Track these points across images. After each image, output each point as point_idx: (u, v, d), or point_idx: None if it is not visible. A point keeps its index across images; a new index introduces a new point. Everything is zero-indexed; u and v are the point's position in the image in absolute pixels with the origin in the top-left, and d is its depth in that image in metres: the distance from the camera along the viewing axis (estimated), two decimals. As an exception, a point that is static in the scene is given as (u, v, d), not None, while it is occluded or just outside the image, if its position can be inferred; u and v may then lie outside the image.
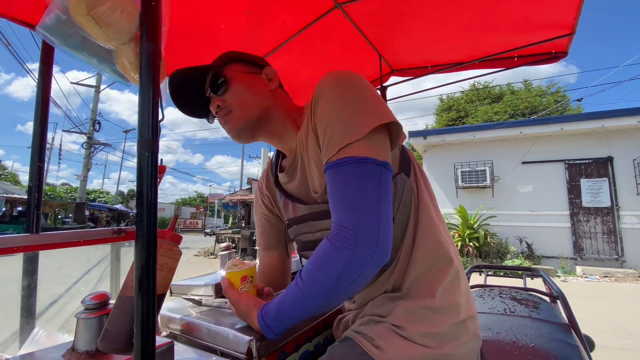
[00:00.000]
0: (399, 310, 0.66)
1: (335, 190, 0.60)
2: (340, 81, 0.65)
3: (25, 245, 0.93)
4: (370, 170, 0.58)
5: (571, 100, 16.78)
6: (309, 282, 0.60)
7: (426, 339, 0.62)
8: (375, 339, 0.64)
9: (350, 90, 0.64)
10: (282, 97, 0.83)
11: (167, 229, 0.66)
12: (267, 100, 0.79)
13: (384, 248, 0.56)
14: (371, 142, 0.60)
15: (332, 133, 0.61)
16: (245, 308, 0.70)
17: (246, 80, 0.79)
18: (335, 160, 0.60)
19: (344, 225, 0.56)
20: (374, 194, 0.57)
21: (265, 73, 0.81)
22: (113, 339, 0.55)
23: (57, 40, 0.59)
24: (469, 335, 0.66)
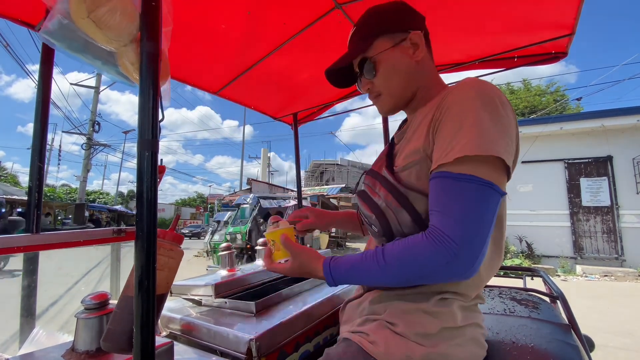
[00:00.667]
0: (394, 309, 0.68)
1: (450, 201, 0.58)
2: (494, 94, 0.62)
3: (25, 245, 0.93)
4: (491, 197, 0.58)
5: (570, 99, 16.79)
6: (391, 265, 0.61)
7: (418, 338, 0.63)
8: (370, 334, 0.66)
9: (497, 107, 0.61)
10: (427, 67, 0.79)
11: (169, 229, 0.66)
12: (413, 78, 0.77)
13: (472, 273, 0.57)
14: (495, 169, 0.58)
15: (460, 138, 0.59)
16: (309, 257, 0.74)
17: (392, 59, 0.76)
18: (459, 174, 0.58)
19: (450, 236, 0.56)
20: (488, 220, 0.57)
21: (411, 39, 0.75)
22: (115, 339, 0.55)
23: (60, 44, 0.60)
24: (465, 338, 0.65)
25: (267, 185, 17.43)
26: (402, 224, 0.67)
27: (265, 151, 30.26)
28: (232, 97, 1.93)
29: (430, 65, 0.80)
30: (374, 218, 0.72)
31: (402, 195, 0.67)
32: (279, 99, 2.05)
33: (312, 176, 31.52)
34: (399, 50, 0.75)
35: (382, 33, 0.76)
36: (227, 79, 1.73)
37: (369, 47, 0.77)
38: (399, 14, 0.77)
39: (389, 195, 0.69)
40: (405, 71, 0.76)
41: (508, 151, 0.60)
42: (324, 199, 13.67)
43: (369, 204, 0.75)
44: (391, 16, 0.77)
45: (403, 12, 0.78)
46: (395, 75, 0.77)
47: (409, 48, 0.75)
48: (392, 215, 0.69)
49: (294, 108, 2.20)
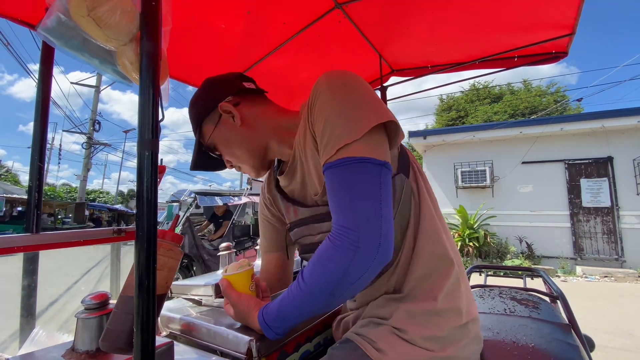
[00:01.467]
0: (400, 313, 0.65)
1: (335, 191, 0.59)
2: (337, 81, 0.64)
3: (25, 245, 0.93)
4: (370, 170, 0.57)
5: (571, 100, 16.78)
6: (311, 282, 0.59)
7: (428, 342, 0.61)
8: (377, 341, 0.63)
9: (348, 90, 0.63)
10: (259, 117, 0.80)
11: (169, 228, 0.66)
12: (251, 139, 0.79)
13: (386, 248, 0.56)
14: (370, 142, 0.59)
15: (330, 133, 0.60)
16: (246, 309, 0.70)
17: (221, 136, 0.80)
18: (334, 161, 0.59)
19: (345, 226, 0.56)
20: (375, 194, 0.57)
21: (223, 111, 0.78)
22: (114, 339, 0.55)
23: (58, 41, 0.59)
24: (470, 338, 0.66)
25: (267, 185, 17.40)
26: None
27: (265, 151, 30.15)
28: (233, 97, 1.93)
29: (267, 112, 0.81)
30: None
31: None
32: (279, 98, 2.05)
33: (312, 176, 31.44)
34: (221, 126, 0.79)
35: (201, 120, 0.81)
36: (227, 78, 1.73)
37: (202, 136, 0.82)
38: (206, 94, 0.82)
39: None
40: (239, 140, 0.79)
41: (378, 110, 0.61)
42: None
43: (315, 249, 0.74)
44: (200, 101, 0.82)
45: (208, 91, 0.82)
46: (234, 147, 0.80)
47: (227, 119, 0.78)
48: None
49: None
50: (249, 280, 0.76)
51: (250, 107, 0.80)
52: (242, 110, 0.79)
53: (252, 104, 0.81)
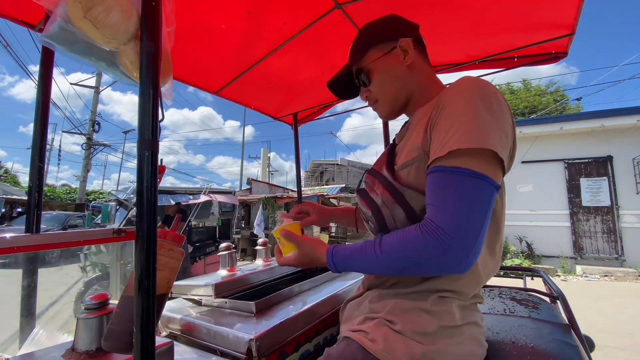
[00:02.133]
0: (393, 307, 0.69)
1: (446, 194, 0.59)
2: (482, 88, 0.63)
3: (25, 246, 0.93)
4: (485, 189, 0.58)
5: (570, 99, 16.79)
6: (388, 255, 0.63)
7: (417, 336, 0.64)
8: (370, 332, 0.67)
9: (489, 103, 0.62)
10: (420, 70, 0.82)
11: (170, 229, 0.66)
12: (406, 82, 0.81)
13: (468, 263, 0.58)
14: (488, 162, 0.59)
15: (453, 133, 0.60)
16: (313, 245, 0.76)
17: (384, 66, 0.81)
18: (453, 167, 0.59)
19: (444, 228, 0.57)
20: (483, 212, 0.57)
21: (400, 46, 0.79)
22: (116, 338, 0.55)
23: (63, 47, 0.60)
24: (463, 337, 0.66)
25: (267, 185, 17.42)
26: (396, 220, 0.69)
27: (265, 151, 30.27)
28: (232, 97, 1.93)
29: (425, 68, 0.83)
30: (371, 214, 0.75)
31: (398, 193, 0.69)
32: (279, 99, 2.05)
33: (312, 176, 31.53)
34: (389, 57, 0.80)
35: (373, 44, 0.82)
36: (227, 79, 1.73)
37: (363, 59, 0.83)
38: (388, 25, 0.84)
39: (386, 192, 0.71)
40: (397, 76, 0.81)
41: (502, 145, 0.61)
42: (323, 199, 13.67)
43: (367, 201, 0.77)
44: (380, 28, 0.84)
45: (392, 23, 0.84)
46: (388, 81, 0.82)
47: (399, 55, 0.80)
48: (388, 211, 0.70)
49: (294, 108, 2.20)
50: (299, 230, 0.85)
51: (419, 57, 0.82)
52: (414, 55, 0.80)
53: (421, 56, 0.83)
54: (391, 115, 0.86)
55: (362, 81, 0.85)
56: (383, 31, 0.83)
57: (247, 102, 2.03)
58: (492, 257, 0.72)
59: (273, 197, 12.24)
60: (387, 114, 0.86)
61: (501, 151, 0.60)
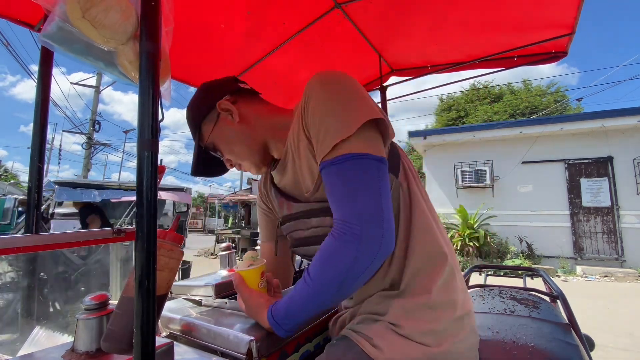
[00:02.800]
0: (396, 309, 0.65)
1: (335, 187, 0.60)
2: (329, 80, 0.66)
3: (25, 246, 0.93)
4: (368, 165, 0.59)
5: (571, 100, 16.79)
6: (318, 278, 0.60)
7: (424, 337, 0.62)
8: (373, 337, 0.63)
9: (339, 88, 0.65)
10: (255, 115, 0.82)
11: (170, 229, 0.66)
12: (250, 135, 0.81)
13: (389, 239, 0.58)
14: (365, 138, 0.61)
15: (325, 131, 0.62)
16: (256, 306, 0.72)
17: (221, 135, 0.82)
18: (332, 159, 0.60)
19: (347, 220, 0.57)
20: (375, 187, 0.58)
21: (221, 110, 0.80)
22: (116, 339, 0.55)
23: (61, 47, 0.60)
24: (466, 332, 0.66)
25: (267, 185, 17.37)
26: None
27: (265, 151, 30.15)
28: (232, 97, 1.93)
29: (261, 110, 0.83)
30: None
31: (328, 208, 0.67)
32: (279, 98, 2.05)
33: (312, 176, 31.45)
34: (220, 125, 0.81)
35: (200, 121, 0.83)
36: (227, 79, 1.73)
37: (202, 137, 0.84)
38: (202, 96, 0.84)
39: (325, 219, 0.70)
40: (238, 137, 0.81)
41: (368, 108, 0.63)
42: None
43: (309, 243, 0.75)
44: (198, 103, 0.84)
45: (204, 94, 0.84)
46: (234, 145, 0.82)
47: (226, 117, 0.80)
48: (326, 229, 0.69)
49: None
50: (258, 277, 0.77)
51: (247, 105, 0.82)
52: (239, 107, 0.81)
53: (248, 103, 0.83)
54: (261, 169, 0.86)
55: (216, 154, 0.86)
56: (201, 104, 0.83)
57: (247, 102, 2.03)
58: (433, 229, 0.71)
59: (273, 197, 12.23)
60: (257, 170, 0.86)
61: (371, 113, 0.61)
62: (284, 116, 0.82)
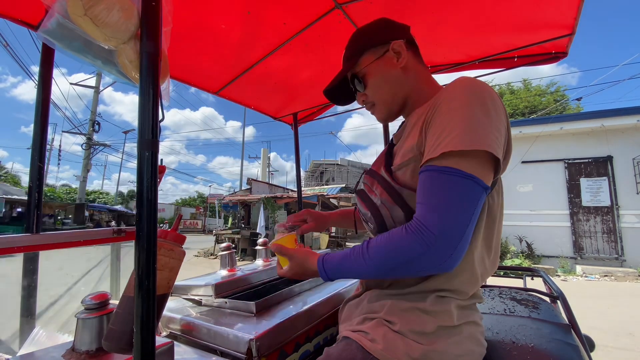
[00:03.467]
0: (392, 307, 0.69)
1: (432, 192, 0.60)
2: (477, 90, 0.64)
3: (25, 246, 0.93)
4: (474, 189, 0.59)
5: (570, 99, 16.79)
6: (375, 257, 0.63)
7: (415, 335, 0.64)
8: (369, 332, 0.67)
9: (482, 104, 0.62)
10: (415, 71, 0.82)
11: (171, 229, 0.66)
12: (401, 83, 0.81)
13: (454, 260, 0.59)
14: (478, 162, 0.60)
15: (446, 135, 0.61)
16: (304, 255, 0.76)
17: (378, 70, 0.82)
18: (442, 167, 0.60)
19: (429, 224, 0.58)
20: (470, 211, 0.58)
21: (393, 48, 0.80)
22: (117, 339, 0.55)
23: (60, 44, 0.59)
24: (462, 337, 0.66)
25: (267, 185, 17.43)
26: (395, 221, 0.69)
27: (265, 151, 30.28)
28: (232, 97, 1.93)
29: (419, 69, 0.83)
30: (370, 215, 0.75)
31: (397, 193, 0.69)
32: (279, 99, 2.05)
33: (312, 176, 31.54)
34: (383, 61, 0.81)
35: (365, 49, 0.83)
36: (227, 79, 1.73)
37: (356, 64, 0.84)
38: (379, 29, 0.84)
39: (384, 193, 0.72)
40: (392, 78, 0.81)
41: (497, 144, 0.61)
42: (323, 198, 13.68)
43: (366, 202, 0.78)
44: (372, 33, 0.84)
45: (383, 27, 0.84)
46: (383, 84, 0.82)
47: (392, 57, 0.80)
48: (387, 212, 0.71)
49: (294, 108, 2.20)
50: (293, 243, 0.86)
51: (412, 58, 0.82)
52: (407, 55, 0.81)
53: (414, 57, 0.83)
54: (389, 118, 0.87)
55: (358, 86, 0.86)
56: (374, 35, 0.83)
57: (247, 102, 2.03)
58: (489, 256, 0.72)
59: (273, 197, 12.24)
60: (384, 117, 0.87)
61: (495, 150, 0.60)
62: (432, 89, 0.81)
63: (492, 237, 0.71)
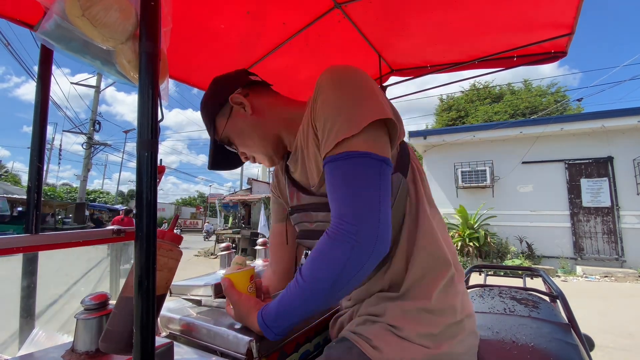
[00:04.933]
0: (395, 310, 0.65)
1: (335, 184, 0.60)
2: (340, 75, 0.65)
3: (25, 246, 0.93)
4: (370, 165, 0.58)
5: (571, 100, 16.79)
6: (310, 278, 0.59)
7: (422, 339, 0.61)
8: (373, 339, 0.63)
9: (350, 84, 0.63)
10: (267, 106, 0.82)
11: (168, 229, 0.66)
12: (262, 127, 0.81)
13: (383, 240, 0.57)
14: (370, 137, 0.60)
15: (331, 127, 0.61)
16: (246, 310, 0.70)
17: (234, 127, 0.83)
18: (335, 155, 0.59)
19: (343, 219, 0.56)
20: (374, 188, 0.57)
21: (234, 103, 0.81)
22: (114, 340, 0.55)
23: (58, 44, 0.59)
24: (465, 334, 0.66)
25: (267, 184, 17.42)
26: None
27: (265, 151, 30.19)
28: (232, 97, 1.93)
29: (273, 103, 0.84)
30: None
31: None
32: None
33: (312, 176, 31.47)
34: (233, 118, 0.82)
35: (214, 116, 0.85)
36: (227, 79, 1.73)
37: (216, 131, 0.85)
38: (215, 92, 0.85)
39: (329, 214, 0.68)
40: (250, 129, 0.82)
41: (380, 108, 0.61)
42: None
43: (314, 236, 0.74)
44: (211, 98, 0.85)
45: (218, 87, 0.86)
46: (247, 138, 0.83)
47: (239, 110, 0.81)
48: None
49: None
50: (247, 280, 0.77)
51: (259, 97, 0.83)
52: (251, 100, 0.82)
53: (260, 95, 0.84)
54: (274, 161, 0.87)
55: (232, 148, 0.87)
56: (214, 99, 0.84)
57: (247, 102, 2.03)
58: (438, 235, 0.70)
59: (273, 197, 12.22)
60: (270, 162, 0.87)
61: (381, 113, 0.60)
62: (297, 108, 0.82)
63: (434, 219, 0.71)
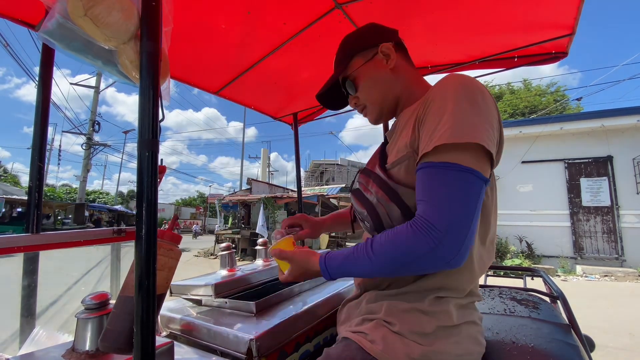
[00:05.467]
0: (391, 308, 0.69)
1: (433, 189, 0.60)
2: (472, 87, 0.64)
3: (25, 245, 0.93)
4: (473, 183, 0.59)
5: (571, 99, 16.80)
6: (380, 255, 0.62)
7: (415, 336, 0.64)
8: (369, 333, 0.67)
9: (478, 101, 0.62)
10: (403, 71, 0.83)
11: (167, 229, 0.66)
12: (391, 84, 0.83)
13: (461, 257, 0.58)
14: (476, 156, 0.60)
15: (440, 129, 0.61)
16: (304, 256, 0.75)
17: (368, 72, 0.83)
18: (440, 162, 0.60)
19: (433, 223, 0.57)
20: (472, 206, 0.58)
21: (382, 51, 0.81)
22: (114, 339, 0.55)
23: (60, 44, 0.60)
24: (462, 337, 0.66)
25: (267, 185, 17.42)
26: (392, 219, 0.69)
27: (264, 151, 30.31)
28: (232, 97, 1.93)
29: (408, 70, 0.84)
30: (366, 214, 0.75)
31: (392, 190, 0.70)
32: (279, 99, 2.05)
33: (312, 176, 31.54)
34: (372, 63, 0.83)
35: (355, 53, 0.85)
36: (227, 79, 1.73)
37: (347, 67, 0.86)
38: (368, 33, 0.86)
39: (380, 191, 0.72)
40: (382, 80, 0.83)
41: (489, 138, 0.61)
42: (323, 199, 13.67)
43: (362, 201, 0.78)
44: (361, 37, 0.86)
45: (371, 31, 0.86)
46: (374, 86, 0.84)
47: (381, 60, 0.82)
48: (383, 210, 0.71)
49: (294, 108, 2.20)
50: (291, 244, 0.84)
51: (401, 60, 0.84)
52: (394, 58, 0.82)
53: (403, 59, 0.85)
54: (380, 119, 0.88)
55: (349, 89, 0.87)
56: (363, 39, 0.85)
57: (247, 102, 2.03)
58: (485, 251, 0.72)
59: (273, 197, 12.23)
60: (376, 118, 0.88)
61: (489, 144, 0.60)
62: (422, 87, 0.82)
63: (487, 234, 0.71)
